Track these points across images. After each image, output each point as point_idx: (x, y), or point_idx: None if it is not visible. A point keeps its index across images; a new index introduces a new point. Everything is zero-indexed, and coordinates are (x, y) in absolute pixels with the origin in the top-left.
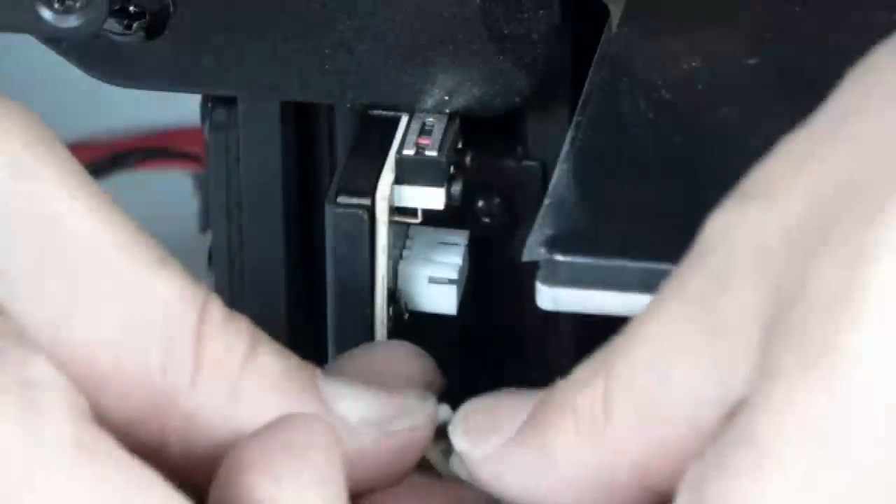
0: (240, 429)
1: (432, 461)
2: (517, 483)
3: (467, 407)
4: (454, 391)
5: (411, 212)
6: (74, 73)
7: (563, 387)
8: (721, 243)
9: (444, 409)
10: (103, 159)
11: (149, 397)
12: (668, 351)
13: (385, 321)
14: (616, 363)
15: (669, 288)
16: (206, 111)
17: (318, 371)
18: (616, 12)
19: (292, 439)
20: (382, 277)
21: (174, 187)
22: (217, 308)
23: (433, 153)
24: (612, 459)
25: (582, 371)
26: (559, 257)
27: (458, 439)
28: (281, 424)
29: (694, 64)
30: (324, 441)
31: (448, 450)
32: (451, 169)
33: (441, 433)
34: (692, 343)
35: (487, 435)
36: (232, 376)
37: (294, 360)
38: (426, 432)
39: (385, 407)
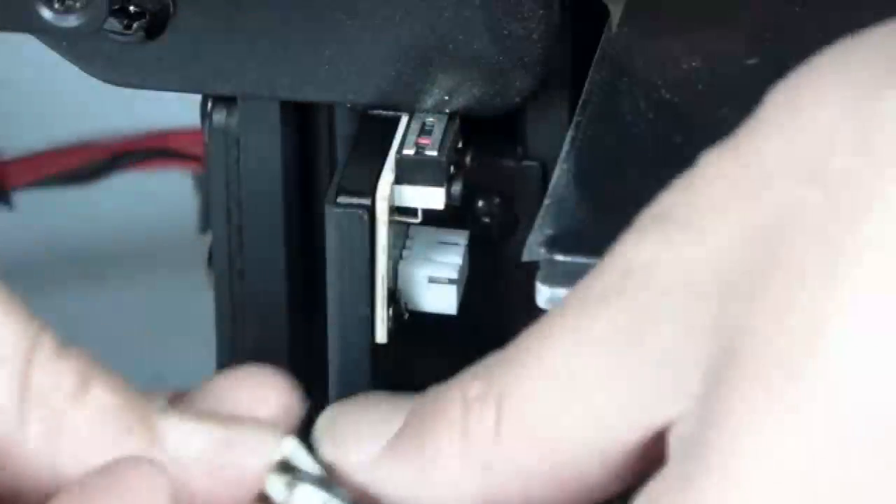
0: (66, 468)
1: (272, 496)
2: (392, 494)
3: (331, 412)
4: None
5: (411, 212)
6: (74, 73)
7: (447, 399)
8: (648, 278)
9: (289, 442)
10: (103, 159)
11: None
12: (576, 383)
13: (385, 321)
14: (511, 387)
15: (584, 315)
16: (206, 111)
17: (157, 404)
18: (616, 12)
19: (114, 483)
20: (382, 277)
21: (174, 187)
22: (48, 342)
23: (433, 153)
24: (501, 481)
25: (469, 385)
26: (559, 257)
27: (327, 447)
28: (105, 468)
29: (694, 64)
30: (147, 484)
31: (293, 482)
32: (451, 169)
33: (286, 467)
34: (608, 374)
35: (359, 443)
36: (58, 412)
37: (129, 395)
38: (260, 466)
39: (217, 440)
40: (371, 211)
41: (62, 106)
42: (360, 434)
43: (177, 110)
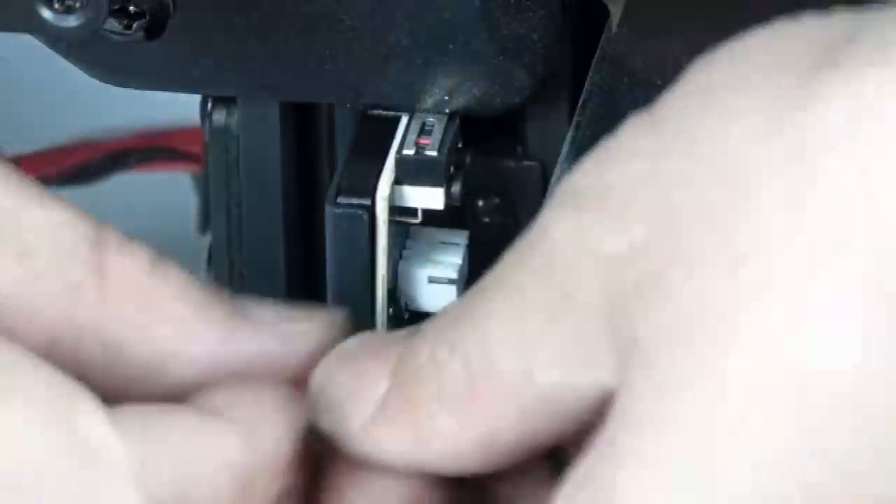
0: (154, 342)
1: None
2: (392, 457)
3: (320, 377)
4: None
5: (411, 212)
6: (74, 73)
7: (422, 359)
8: (560, 258)
9: None
10: (103, 159)
11: (57, 321)
12: (522, 343)
13: (385, 321)
14: (472, 346)
15: (514, 286)
16: (206, 111)
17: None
18: (616, 12)
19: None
20: (382, 277)
21: (174, 187)
22: (113, 230)
23: (433, 153)
24: (488, 430)
25: (436, 348)
26: None
27: (320, 418)
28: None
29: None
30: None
31: None
32: (451, 169)
33: None
34: (543, 341)
35: (349, 411)
36: (140, 285)
37: (202, 280)
38: (326, 345)
39: (295, 315)
40: (371, 211)
41: (62, 106)
42: (351, 400)
43: (177, 110)
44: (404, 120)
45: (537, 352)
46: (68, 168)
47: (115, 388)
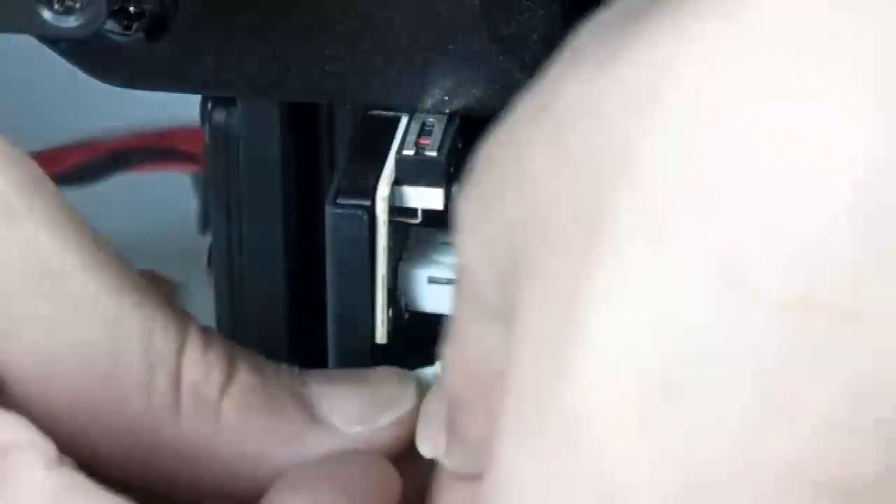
0: (224, 455)
1: (426, 451)
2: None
3: (422, 413)
4: None
5: (411, 212)
6: (74, 73)
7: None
8: (464, 230)
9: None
10: (103, 159)
11: (131, 433)
12: (473, 337)
13: (385, 321)
14: (453, 355)
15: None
16: (206, 111)
17: (296, 376)
18: None
19: (343, 473)
20: (382, 277)
21: (174, 187)
22: (196, 335)
23: (433, 153)
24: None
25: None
26: None
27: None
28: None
29: None
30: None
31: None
32: (451, 169)
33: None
34: (487, 326)
35: (437, 440)
36: (212, 403)
37: (271, 373)
38: (413, 419)
39: (368, 402)
40: (371, 211)
41: (62, 106)
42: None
43: (177, 110)
44: (404, 120)
45: (485, 339)
46: (68, 168)
47: (187, 496)
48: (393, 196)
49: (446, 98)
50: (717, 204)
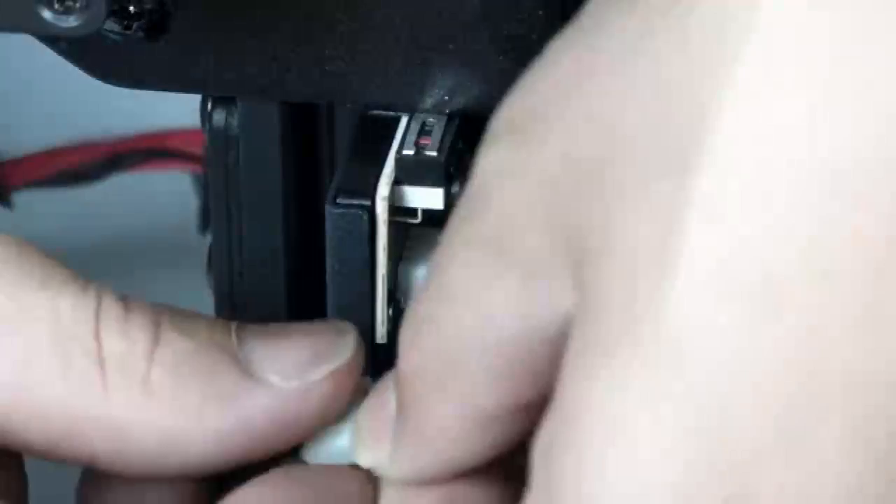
0: (159, 423)
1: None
2: (421, 473)
3: (361, 418)
4: None
5: (411, 212)
6: (74, 73)
7: (404, 353)
8: (503, 187)
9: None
10: (103, 159)
11: (65, 416)
12: (467, 298)
13: (385, 321)
14: (442, 314)
15: (457, 233)
16: (206, 111)
17: (231, 332)
18: None
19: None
20: (382, 277)
21: (174, 187)
22: (112, 306)
23: (433, 153)
24: (473, 403)
25: (409, 328)
26: None
27: (360, 458)
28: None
29: None
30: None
31: None
32: (451, 169)
33: None
34: (487, 285)
35: (375, 445)
36: (140, 373)
37: (203, 333)
38: (353, 368)
39: (305, 356)
40: (371, 211)
41: (62, 106)
42: (373, 435)
43: (177, 110)
44: (404, 120)
45: (493, 296)
46: (68, 168)
47: (128, 468)
48: (393, 196)
49: (446, 98)
50: (828, 102)
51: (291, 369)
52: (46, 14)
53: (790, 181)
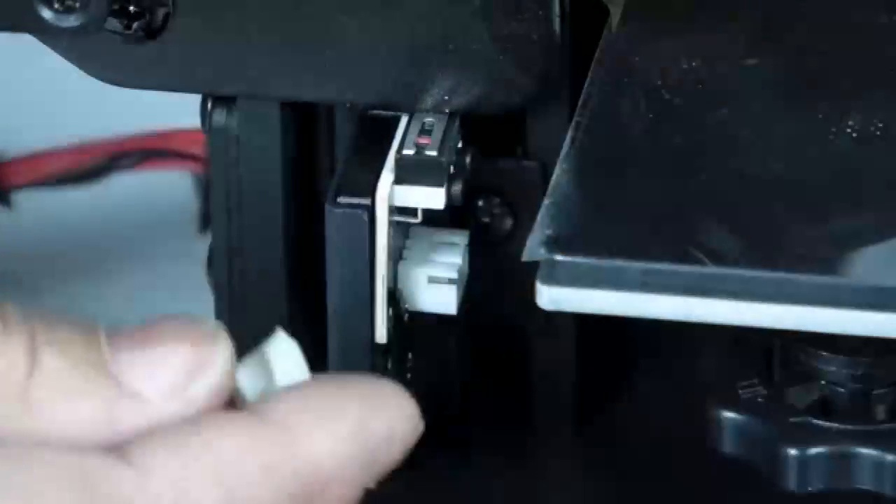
0: (43, 441)
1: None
2: None
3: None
4: (454, 391)
5: (411, 212)
6: (74, 73)
7: None
8: None
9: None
10: (103, 159)
11: None
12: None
13: (385, 321)
14: None
15: None
16: (206, 111)
17: (105, 348)
18: (616, 12)
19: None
20: (382, 277)
21: (174, 187)
22: None
23: (433, 153)
24: None
25: None
26: (559, 257)
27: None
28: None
29: (694, 64)
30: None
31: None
32: (451, 169)
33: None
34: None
35: None
36: (23, 391)
37: (79, 351)
38: (227, 384)
39: (179, 370)
40: (371, 211)
41: (62, 106)
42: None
43: (177, 110)
44: (404, 120)
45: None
46: (68, 168)
47: None
48: (393, 196)
49: (446, 98)
50: None
51: (168, 388)
52: (46, 13)
53: None
